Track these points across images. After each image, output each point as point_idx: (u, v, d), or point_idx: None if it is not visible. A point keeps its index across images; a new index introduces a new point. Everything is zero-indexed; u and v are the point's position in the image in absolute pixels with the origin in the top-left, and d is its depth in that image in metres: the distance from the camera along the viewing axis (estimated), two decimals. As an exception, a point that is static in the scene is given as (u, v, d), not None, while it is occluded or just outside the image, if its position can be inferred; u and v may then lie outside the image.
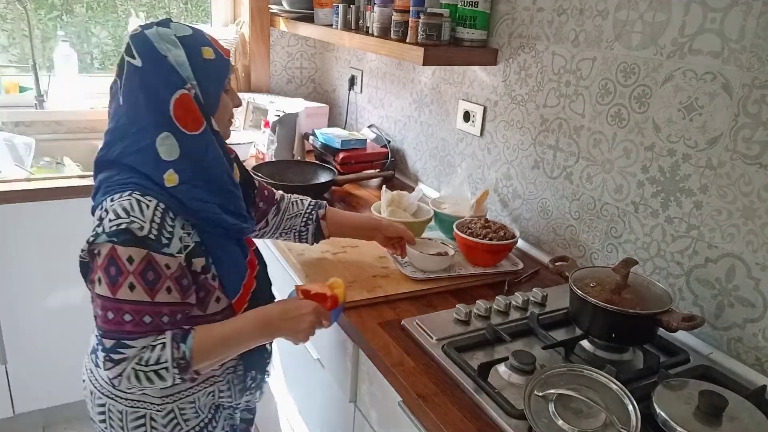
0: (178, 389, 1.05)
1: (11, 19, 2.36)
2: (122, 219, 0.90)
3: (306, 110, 2.38)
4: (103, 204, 0.94)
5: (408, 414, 1.04)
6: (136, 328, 0.92)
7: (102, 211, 0.93)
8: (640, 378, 1.06)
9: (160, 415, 1.04)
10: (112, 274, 0.90)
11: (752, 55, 1.06)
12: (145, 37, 0.96)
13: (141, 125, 0.95)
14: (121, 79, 0.97)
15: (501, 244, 1.39)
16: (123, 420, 1.04)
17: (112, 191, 0.94)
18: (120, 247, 0.90)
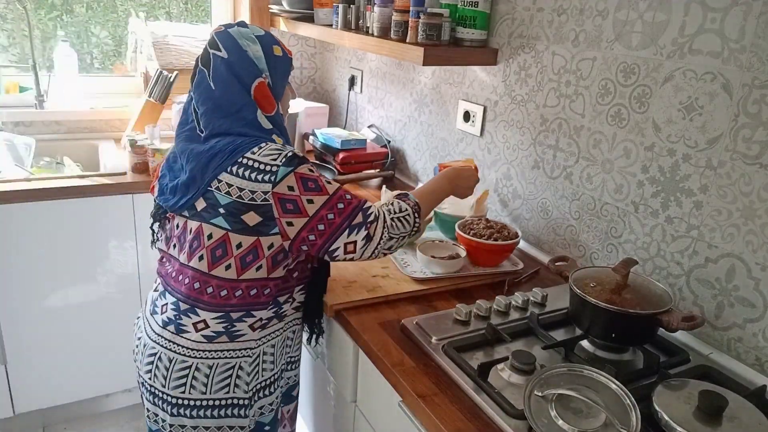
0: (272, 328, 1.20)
1: (11, 19, 2.36)
2: (282, 152, 1.08)
3: (306, 110, 2.38)
4: (245, 159, 1.06)
5: (408, 414, 1.04)
6: (358, 200, 1.12)
7: (252, 163, 1.06)
8: (640, 378, 1.06)
9: (249, 361, 1.17)
10: (311, 187, 1.08)
11: (752, 55, 1.06)
12: (229, 34, 1.16)
13: (239, 105, 1.13)
14: (208, 68, 1.15)
15: (505, 244, 1.39)
16: (210, 376, 1.15)
17: (244, 148, 1.08)
18: (298, 169, 1.07)
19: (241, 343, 1.16)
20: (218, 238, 1.09)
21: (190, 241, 1.12)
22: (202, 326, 1.13)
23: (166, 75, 2.21)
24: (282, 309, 1.21)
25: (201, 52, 1.18)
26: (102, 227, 1.97)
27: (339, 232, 1.08)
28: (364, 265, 1.42)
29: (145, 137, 2.08)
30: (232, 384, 1.16)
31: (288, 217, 1.07)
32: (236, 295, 1.12)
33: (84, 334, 2.06)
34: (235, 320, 1.14)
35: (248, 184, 1.05)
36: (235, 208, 1.07)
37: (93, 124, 2.36)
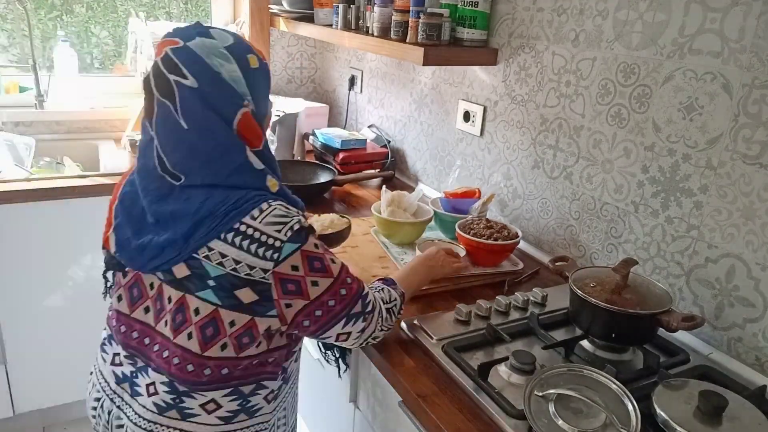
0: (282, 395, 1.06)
1: (11, 19, 2.36)
2: (288, 222, 0.89)
3: (306, 110, 2.38)
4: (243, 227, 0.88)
5: (408, 414, 1.04)
6: (358, 283, 0.99)
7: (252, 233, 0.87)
8: (640, 378, 1.06)
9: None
10: (317, 267, 0.92)
11: (752, 55, 1.06)
12: (192, 52, 0.88)
13: (225, 147, 0.90)
14: (172, 100, 0.88)
15: (505, 244, 1.39)
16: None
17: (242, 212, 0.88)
18: (305, 246, 0.90)
19: (258, 417, 1.00)
20: (207, 314, 0.90)
21: (173, 313, 0.92)
22: (213, 407, 0.95)
23: (166, 75, 2.21)
24: (287, 371, 1.05)
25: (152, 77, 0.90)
26: (102, 227, 1.97)
27: (335, 321, 0.96)
28: (365, 264, 1.42)
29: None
30: None
31: (287, 298, 0.90)
32: (239, 368, 0.95)
33: (84, 334, 2.06)
34: (248, 395, 0.98)
35: (246, 257, 0.87)
36: (229, 282, 0.88)
37: (93, 124, 2.36)
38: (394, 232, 1.52)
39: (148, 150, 0.93)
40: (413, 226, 1.52)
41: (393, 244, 1.55)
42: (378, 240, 1.57)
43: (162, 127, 0.90)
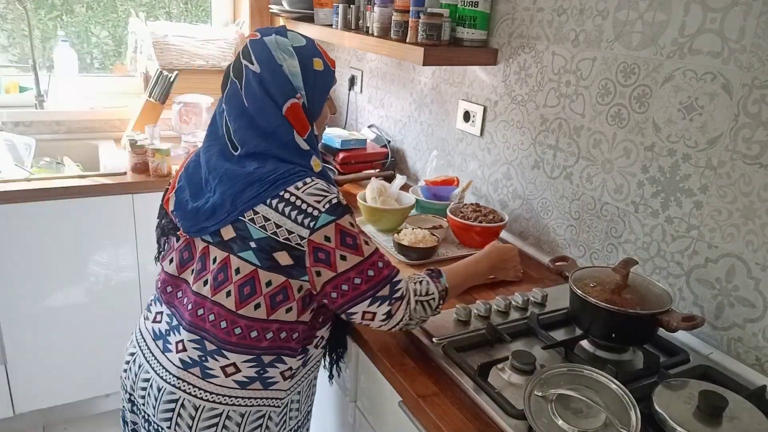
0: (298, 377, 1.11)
1: (11, 19, 2.36)
2: (327, 195, 0.99)
3: (306, 110, 2.38)
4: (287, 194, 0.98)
5: (408, 414, 1.04)
6: (390, 269, 1.04)
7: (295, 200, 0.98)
8: (640, 378, 1.06)
9: (277, 411, 1.09)
10: (349, 243, 0.99)
11: (752, 55, 1.06)
12: (264, 45, 1.04)
13: (275, 125, 1.03)
14: (240, 80, 1.04)
15: (491, 227, 1.51)
16: (241, 425, 1.05)
17: (288, 181, 0.99)
18: (340, 220, 0.99)
19: (272, 391, 1.07)
20: (246, 273, 0.99)
21: (215, 272, 1.01)
22: (232, 370, 1.03)
23: (166, 75, 2.21)
24: (308, 353, 1.11)
25: (234, 61, 1.07)
26: (102, 227, 1.97)
27: (361, 299, 1.01)
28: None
29: (145, 137, 2.08)
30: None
31: (317, 266, 0.98)
32: (267, 337, 1.02)
33: (84, 334, 2.06)
34: (267, 365, 1.05)
35: (287, 222, 0.97)
36: (269, 245, 0.98)
37: (93, 124, 2.36)
38: (378, 218, 1.60)
39: (219, 118, 1.07)
40: (396, 213, 1.59)
41: (378, 231, 1.61)
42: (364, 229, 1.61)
43: (230, 100, 1.05)
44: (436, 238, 1.47)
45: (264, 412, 1.07)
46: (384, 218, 1.59)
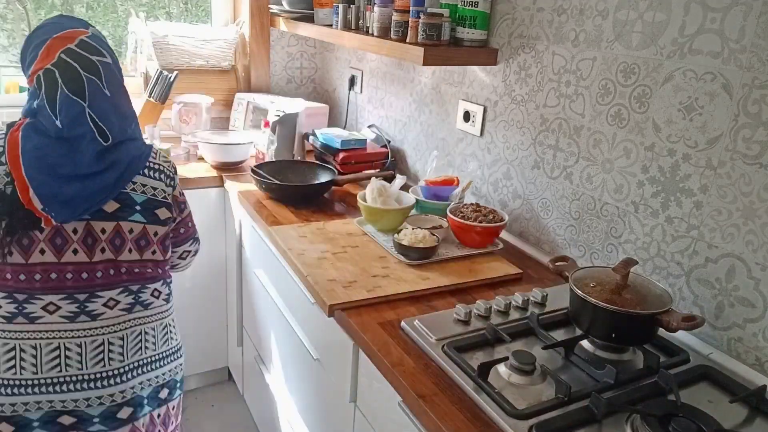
0: None
1: (11, 19, 2.36)
2: (170, 160, 1.30)
3: (306, 110, 2.38)
4: (151, 164, 1.24)
5: (408, 414, 1.04)
6: None
7: (157, 167, 1.25)
8: (640, 378, 1.06)
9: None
10: (184, 195, 1.36)
11: (752, 55, 1.06)
12: (97, 37, 1.19)
13: (127, 104, 1.24)
14: (98, 76, 1.15)
15: (490, 227, 1.50)
16: (174, 325, 1.36)
17: (149, 153, 1.24)
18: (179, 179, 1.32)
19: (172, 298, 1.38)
20: (139, 231, 1.22)
21: (110, 239, 1.19)
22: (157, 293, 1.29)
23: (166, 75, 2.21)
24: None
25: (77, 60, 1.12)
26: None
27: (189, 238, 1.38)
28: (365, 265, 1.42)
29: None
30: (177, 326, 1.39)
31: (176, 214, 1.31)
32: (165, 269, 1.32)
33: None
34: (169, 283, 1.35)
35: (158, 183, 1.24)
36: (151, 204, 1.23)
37: (93, 124, 2.36)
38: (378, 218, 1.60)
39: (81, 119, 1.13)
40: (396, 213, 1.59)
41: (378, 231, 1.61)
42: (364, 229, 1.63)
43: (94, 97, 1.14)
44: (436, 238, 1.47)
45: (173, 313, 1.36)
46: (384, 218, 1.59)
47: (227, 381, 2.46)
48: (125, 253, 1.21)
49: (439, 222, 1.60)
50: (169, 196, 1.27)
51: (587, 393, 0.97)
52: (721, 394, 1.04)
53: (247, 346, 2.11)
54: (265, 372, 1.90)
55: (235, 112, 2.53)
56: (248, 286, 1.99)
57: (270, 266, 1.73)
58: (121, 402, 1.22)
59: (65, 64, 1.12)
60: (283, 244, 1.52)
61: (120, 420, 1.22)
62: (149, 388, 1.27)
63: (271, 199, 1.86)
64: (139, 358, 1.25)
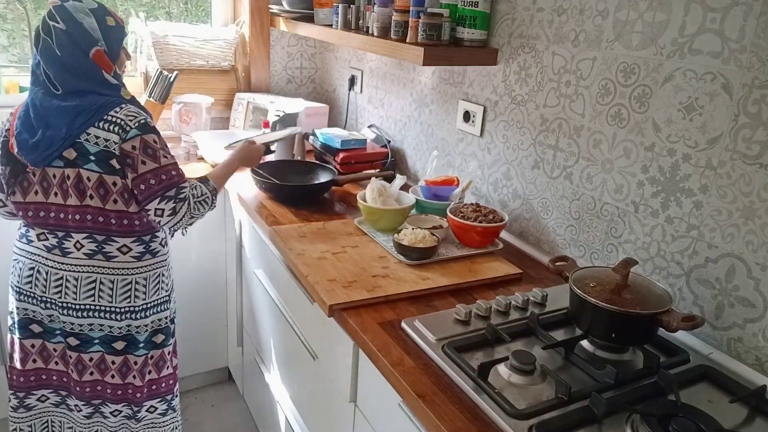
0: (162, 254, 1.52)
1: (11, 19, 2.36)
2: (139, 117, 1.35)
3: (306, 110, 2.38)
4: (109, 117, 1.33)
5: (408, 414, 1.04)
6: (179, 178, 1.41)
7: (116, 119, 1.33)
8: (640, 378, 1.06)
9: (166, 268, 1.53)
10: (149, 153, 1.35)
11: (752, 55, 1.06)
12: (65, 8, 1.34)
13: (84, 68, 1.35)
14: (50, 36, 1.33)
15: (489, 227, 1.50)
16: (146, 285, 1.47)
17: (107, 107, 1.34)
18: (145, 136, 1.35)
19: (159, 257, 1.50)
20: (95, 179, 1.35)
21: (74, 185, 1.35)
22: (126, 249, 1.43)
23: (166, 75, 2.21)
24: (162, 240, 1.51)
25: (41, 22, 1.34)
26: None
27: (153, 197, 1.37)
28: (365, 265, 1.42)
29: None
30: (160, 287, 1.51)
31: (126, 168, 1.35)
32: (136, 224, 1.41)
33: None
34: (148, 241, 1.46)
35: (110, 135, 1.32)
36: (105, 155, 1.33)
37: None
38: (378, 218, 1.60)
39: (37, 69, 1.37)
40: (396, 213, 1.59)
41: (378, 231, 1.61)
42: (364, 229, 1.63)
43: (44, 52, 1.34)
44: (436, 238, 1.47)
45: (158, 271, 1.50)
46: (384, 218, 1.59)
47: (227, 381, 2.47)
48: (87, 199, 1.36)
49: (439, 222, 1.60)
50: (115, 146, 1.32)
51: (587, 393, 0.97)
52: (721, 394, 1.04)
53: (247, 346, 2.11)
54: (265, 372, 1.90)
55: (235, 112, 2.53)
56: (248, 286, 1.99)
57: (270, 266, 1.73)
58: (70, 332, 1.46)
59: (38, 27, 1.36)
60: (283, 244, 1.52)
61: (70, 345, 1.47)
62: (99, 333, 1.47)
63: (271, 199, 1.86)
64: (91, 303, 1.43)
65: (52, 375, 1.54)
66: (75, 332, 1.46)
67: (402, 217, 1.60)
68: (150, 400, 1.59)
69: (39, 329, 1.49)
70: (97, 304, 1.44)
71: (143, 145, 1.34)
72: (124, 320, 1.46)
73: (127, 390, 1.54)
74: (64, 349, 1.50)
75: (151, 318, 1.50)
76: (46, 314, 1.46)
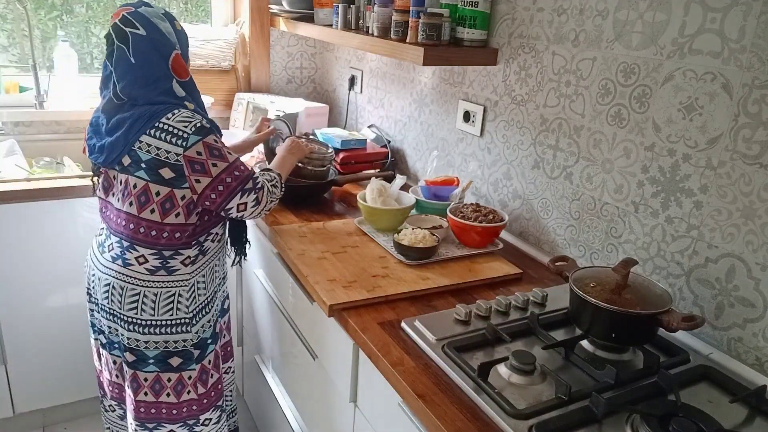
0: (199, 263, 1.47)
1: (11, 19, 2.36)
2: (192, 120, 1.32)
3: (306, 110, 2.38)
4: (161, 124, 1.30)
5: (408, 414, 1.04)
6: (249, 170, 1.40)
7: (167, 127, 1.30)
8: (640, 378, 1.06)
9: (186, 289, 1.45)
10: (216, 154, 1.34)
11: (752, 55, 1.06)
12: (141, 14, 1.34)
13: (156, 76, 1.34)
14: (126, 45, 1.32)
15: (490, 227, 1.50)
16: (156, 301, 1.42)
17: (159, 115, 1.31)
18: (206, 139, 1.32)
19: (177, 276, 1.43)
20: (141, 186, 1.34)
21: (122, 190, 1.37)
22: (142, 260, 1.40)
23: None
24: (203, 246, 1.47)
25: (114, 31, 1.33)
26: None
27: (234, 194, 1.35)
28: (365, 265, 1.42)
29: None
30: (174, 308, 1.44)
31: (196, 175, 1.32)
32: (164, 236, 1.38)
33: (84, 334, 2.06)
34: (168, 257, 1.41)
35: (164, 144, 1.30)
36: (154, 164, 1.31)
37: (93, 124, 2.36)
38: (378, 218, 1.60)
39: (108, 81, 1.37)
40: (396, 213, 1.59)
41: (378, 232, 1.61)
42: (364, 229, 1.63)
43: (118, 63, 1.34)
44: (436, 238, 1.47)
45: (174, 291, 1.43)
46: (384, 218, 1.59)
47: (227, 381, 2.46)
48: (126, 205, 1.36)
49: (439, 222, 1.60)
50: (177, 156, 1.30)
51: (587, 393, 0.97)
52: (721, 394, 1.04)
53: (247, 346, 2.11)
54: (265, 372, 1.90)
55: (235, 112, 2.53)
56: (248, 286, 1.99)
57: (270, 266, 1.73)
58: (100, 328, 1.51)
59: (109, 36, 1.34)
60: (283, 244, 1.52)
61: (101, 342, 1.54)
62: (117, 337, 1.48)
63: (271, 199, 1.86)
64: (107, 305, 1.44)
65: None
66: (102, 331, 1.51)
67: (402, 217, 1.60)
68: (170, 424, 1.53)
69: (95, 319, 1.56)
70: (110, 306, 1.44)
71: (207, 148, 1.32)
72: (131, 331, 1.43)
73: (139, 406, 1.50)
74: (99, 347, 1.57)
75: (163, 337, 1.44)
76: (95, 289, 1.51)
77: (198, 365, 1.50)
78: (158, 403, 1.50)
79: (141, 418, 1.52)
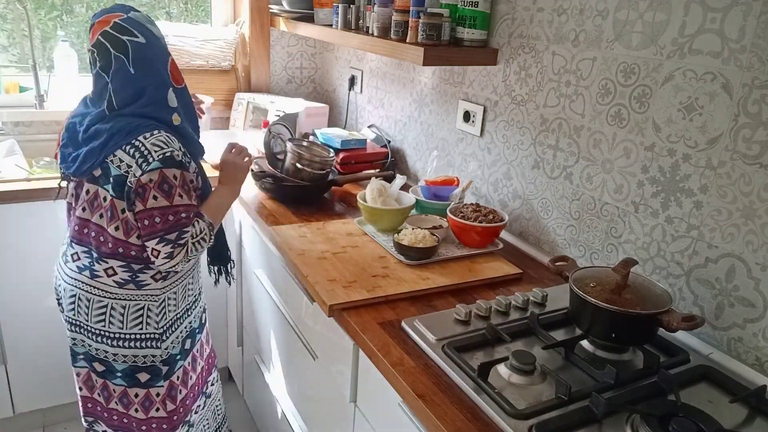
0: (171, 280, 1.43)
1: (11, 19, 2.36)
2: (166, 148, 1.27)
3: (306, 110, 2.38)
4: (137, 142, 1.27)
5: (408, 414, 1.04)
6: (188, 221, 1.32)
7: (140, 146, 1.26)
8: (640, 378, 1.06)
9: (155, 304, 1.41)
10: (164, 189, 1.28)
11: (752, 55, 1.06)
12: (135, 20, 1.30)
13: (155, 84, 1.31)
14: (126, 54, 1.28)
15: (490, 227, 1.50)
16: (124, 315, 1.39)
17: (138, 131, 1.27)
18: (165, 169, 1.27)
19: (147, 290, 1.39)
20: (108, 201, 1.32)
21: (91, 200, 1.34)
22: (111, 272, 1.36)
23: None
24: None
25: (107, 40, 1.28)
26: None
27: (153, 236, 1.29)
28: (365, 265, 1.42)
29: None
30: (143, 322, 1.40)
31: (135, 199, 1.28)
32: (131, 254, 1.35)
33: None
34: (137, 271, 1.37)
35: (133, 162, 1.27)
36: (121, 180, 1.28)
37: (93, 124, 2.36)
38: (378, 218, 1.60)
39: (104, 93, 1.32)
40: (396, 213, 1.59)
41: (378, 231, 1.61)
42: (364, 229, 1.63)
43: (117, 75, 1.29)
44: (436, 238, 1.47)
45: (143, 304, 1.39)
46: (384, 218, 1.59)
47: (227, 381, 2.46)
48: (96, 216, 1.34)
49: (439, 222, 1.60)
50: (134, 177, 1.27)
51: (587, 393, 0.97)
52: (721, 394, 1.04)
53: (247, 346, 2.11)
54: (265, 372, 1.90)
55: (235, 112, 2.53)
56: (248, 286, 1.99)
57: (270, 266, 1.73)
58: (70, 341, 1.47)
59: (101, 45, 1.28)
60: (283, 244, 1.52)
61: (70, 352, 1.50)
62: (82, 348, 1.45)
63: (271, 199, 1.86)
64: (72, 317, 1.42)
65: None
66: (71, 343, 1.47)
67: (402, 217, 1.60)
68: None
69: None
70: (75, 318, 1.42)
71: (161, 179, 1.26)
72: (99, 342, 1.41)
73: (112, 414, 1.50)
74: None
75: (132, 351, 1.42)
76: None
77: (166, 381, 1.47)
78: (128, 416, 1.49)
79: (114, 426, 1.51)
